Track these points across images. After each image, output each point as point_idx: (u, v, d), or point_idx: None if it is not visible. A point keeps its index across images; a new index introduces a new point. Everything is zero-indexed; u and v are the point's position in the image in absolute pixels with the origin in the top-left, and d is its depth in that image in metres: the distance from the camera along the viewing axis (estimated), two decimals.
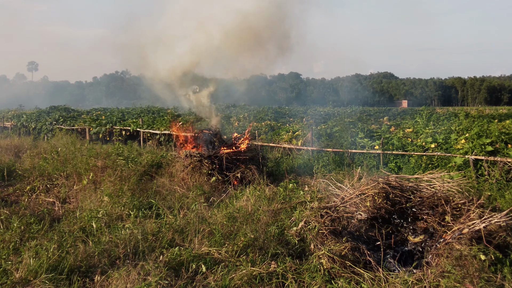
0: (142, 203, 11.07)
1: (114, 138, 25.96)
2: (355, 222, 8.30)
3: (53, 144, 20.55)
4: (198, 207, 10.34)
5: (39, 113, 38.87)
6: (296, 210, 9.36)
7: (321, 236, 7.84)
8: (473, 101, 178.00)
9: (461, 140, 14.25)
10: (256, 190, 11.44)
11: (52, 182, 13.84)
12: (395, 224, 8.33)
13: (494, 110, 59.37)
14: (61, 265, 7.20)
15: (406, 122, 22.81)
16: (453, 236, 7.26)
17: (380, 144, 16.05)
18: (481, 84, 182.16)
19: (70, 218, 9.99)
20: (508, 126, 16.06)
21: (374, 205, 8.40)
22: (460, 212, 7.99)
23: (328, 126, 21.21)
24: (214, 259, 7.59)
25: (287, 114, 42.22)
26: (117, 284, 6.59)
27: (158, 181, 13.20)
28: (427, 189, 8.92)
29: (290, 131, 20.65)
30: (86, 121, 29.50)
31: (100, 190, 12.00)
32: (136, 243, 8.07)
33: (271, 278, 6.84)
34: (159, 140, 23.08)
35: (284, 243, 8.15)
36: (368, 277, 6.71)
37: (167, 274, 6.79)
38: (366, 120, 29.08)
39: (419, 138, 16.23)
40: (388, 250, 7.72)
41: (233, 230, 8.81)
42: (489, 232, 7.27)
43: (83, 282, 6.95)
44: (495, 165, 12.83)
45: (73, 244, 8.19)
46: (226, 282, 6.67)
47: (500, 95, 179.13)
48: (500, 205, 9.10)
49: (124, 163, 14.41)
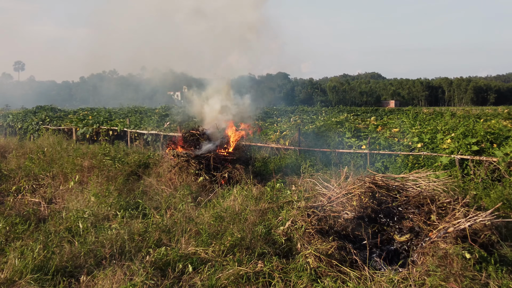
0: (129, 203, 11.03)
1: (101, 138, 25.79)
2: (342, 222, 8.32)
3: (39, 144, 20.39)
4: (185, 207, 10.32)
5: (26, 113, 38.58)
6: (283, 209, 9.37)
7: (307, 235, 7.85)
8: (459, 101, 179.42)
9: (447, 140, 14.35)
10: (244, 189, 11.43)
11: (38, 182, 13.74)
12: (381, 223, 8.37)
13: (480, 110, 59.77)
14: (46, 266, 7.17)
15: (392, 122, 22.85)
16: (439, 235, 7.31)
17: (367, 144, 16.12)
18: (467, 85, 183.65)
19: (56, 219, 9.92)
20: (493, 126, 16.18)
21: (361, 204, 8.44)
22: (446, 211, 8.05)
23: (316, 126, 21.23)
24: (201, 259, 7.58)
25: (275, 114, 42.23)
26: (103, 284, 6.56)
27: (145, 181, 13.15)
28: (413, 188, 8.98)
29: (277, 131, 20.67)
30: (73, 121, 29.30)
31: (87, 190, 11.92)
32: (122, 243, 8.04)
33: (258, 278, 6.84)
34: (147, 140, 22.99)
35: (271, 243, 8.16)
36: (354, 276, 6.74)
37: (154, 274, 6.78)
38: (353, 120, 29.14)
39: (405, 138, 16.30)
40: (374, 249, 7.76)
41: (220, 230, 8.81)
42: (474, 230, 7.33)
43: (69, 283, 6.92)
44: (481, 165, 12.93)
45: (59, 245, 8.14)
46: (213, 282, 6.66)
47: (486, 96, 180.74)
48: (485, 204, 9.17)
49: (111, 163, 14.35)
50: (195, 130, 15.28)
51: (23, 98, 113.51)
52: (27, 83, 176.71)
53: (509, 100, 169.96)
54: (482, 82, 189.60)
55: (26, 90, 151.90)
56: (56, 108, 44.29)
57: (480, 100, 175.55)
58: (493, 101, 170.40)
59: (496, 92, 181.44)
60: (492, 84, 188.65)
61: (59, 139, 22.86)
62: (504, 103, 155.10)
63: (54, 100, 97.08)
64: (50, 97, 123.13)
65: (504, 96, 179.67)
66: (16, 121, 34.08)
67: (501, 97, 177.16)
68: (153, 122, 24.66)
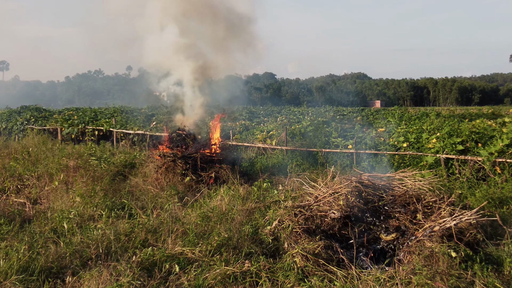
0: (115, 203, 10.97)
1: (87, 138, 25.59)
2: (329, 221, 8.34)
3: (24, 144, 20.22)
4: (172, 207, 10.28)
5: (10, 113, 38.13)
6: (270, 209, 9.37)
7: (294, 234, 7.86)
8: (444, 101, 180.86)
9: (433, 140, 14.45)
10: (230, 189, 11.42)
11: (23, 182, 13.61)
12: (368, 222, 8.41)
13: (465, 110, 60.27)
14: (31, 266, 7.09)
15: (379, 122, 23.00)
16: (425, 233, 7.36)
17: (353, 143, 16.18)
18: (452, 85, 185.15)
19: (41, 219, 9.84)
20: (478, 126, 16.32)
21: (347, 203, 8.47)
22: (431, 210, 8.11)
23: (302, 126, 21.24)
24: (187, 259, 7.55)
25: (261, 114, 42.20)
26: (89, 285, 6.51)
27: (131, 181, 13.08)
28: (399, 187, 9.04)
29: (264, 131, 20.66)
30: (58, 121, 29.02)
31: (72, 191, 11.84)
32: (108, 243, 7.99)
33: (245, 277, 6.83)
34: (133, 140, 22.87)
35: (258, 242, 8.15)
36: (341, 274, 6.76)
37: (140, 274, 6.73)
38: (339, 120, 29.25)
39: (391, 137, 16.40)
40: (361, 248, 7.79)
41: (207, 230, 8.79)
42: (460, 229, 7.39)
43: (54, 283, 6.86)
44: (466, 164, 13.04)
45: (44, 245, 8.07)
46: (200, 282, 6.64)
47: (471, 96, 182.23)
48: (471, 203, 9.23)
49: (97, 163, 14.26)
50: (181, 130, 15.24)
51: (8, 98, 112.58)
52: (12, 83, 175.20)
53: (493, 100, 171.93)
54: (466, 82, 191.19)
55: (10, 90, 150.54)
56: (41, 108, 43.82)
57: (465, 100, 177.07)
58: (478, 101, 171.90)
59: (481, 92, 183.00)
60: (476, 84, 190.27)
61: (44, 139, 22.71)
62: (489, 103, 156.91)
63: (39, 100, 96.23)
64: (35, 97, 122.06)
65: (489, 96, 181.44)
66: (1, 121, 33.69)
67: (485, 97, 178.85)
68: (139, 122, 24.54)
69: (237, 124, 25.35)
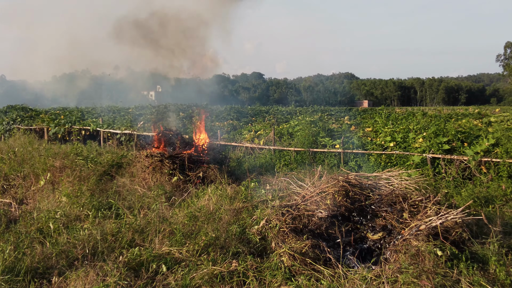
0: (101, 203, 10.89)
1: (73, 138, 25.44)
2: (316, 220, 8.37)
3: (10, 144, 20.04)
4: (159, 207, 10.25)
5: None
6: (258, 208, 9.37)
7: (282, 234, 7.88)
8: (431, 101, 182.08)
9: (419, 139, 14.55)
10: (218, 189, 11.40)
11: (8, 182, 13.49)
12: (355, 221, 8.45)
13: (452, 110, 60.74)
14: (17, 267, 7.03)
15: (366, 122, 23.10)
16: (411, 232, 7.41)
17: (340, 143, 16.24)
18: (439, 85, 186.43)
19: (27, 219, 9.75)
20: (464, 125, 16.47)
21: (334, 203, 8.50)
22: (418, 209, 8.16)
23: (290, 126, 21.30)
24: (175, 258, 7.53)
25: (249, 114, 42.24)
26: (75, 285, 6.48)
27: (118, 181, 13.01)
28: (386, 187, 9.09)
29: (252, 131, 20.68)
30: (45, 121, 28.83)
31: (58, 191, 11.76)
32: (95, 243, 7.95)
33: (232, 277, 6.82)
34: (120, 139, 22.77)
35: (245, 242, 8.16)
36: (328, 274, 6.78)
37: (127, 274, 6.70)
38: (327, 120, 29.34)
39: (378, 137, 16.48)
40: (348, 247, 7.82)
41: (194, 230, 8.77)
42: (446, 228, 7.45)
43: (40, 284, 6.81)
44: (452, 163, 13.15)
45: (30, 246, 7.99)
46: (187, 282, 6.62)
47: (458, 96, 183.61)
48: (457, 202, 9.32)
49: (83, 163, 14.16)
50: (168, 130, 15.19)
51: None
52: None
53: (479, 100, 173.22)
54: (453, 83, 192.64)
55: None
56: (28, 108, 43.46)
57: (452, 100, 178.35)
58: (464, 101, 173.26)
59: (467, 92, 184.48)
60: (463, 85, 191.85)
61: (30, 139, 22.51)
62: (475, 103, 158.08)
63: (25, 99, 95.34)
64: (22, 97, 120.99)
65: (475, 96, 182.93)
66: None
67: (472, 97, 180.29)
68: (126, 122, 24.43)
69: (225, 124, 25.35)
